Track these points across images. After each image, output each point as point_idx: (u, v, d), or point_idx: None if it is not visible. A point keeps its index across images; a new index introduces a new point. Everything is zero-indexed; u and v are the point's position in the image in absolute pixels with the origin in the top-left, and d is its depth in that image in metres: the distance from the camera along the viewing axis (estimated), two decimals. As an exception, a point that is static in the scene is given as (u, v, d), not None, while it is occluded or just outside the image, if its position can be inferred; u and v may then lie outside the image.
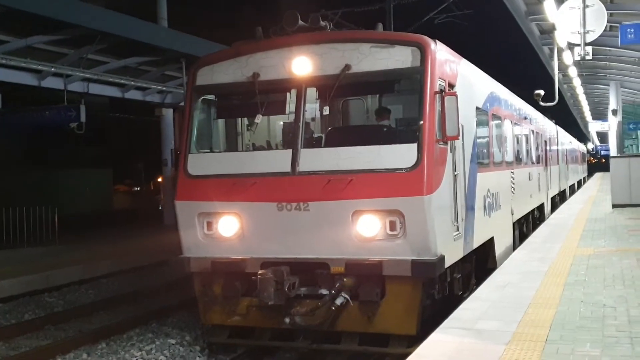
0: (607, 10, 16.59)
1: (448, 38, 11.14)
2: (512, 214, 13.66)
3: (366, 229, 7.93)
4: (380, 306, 7.98)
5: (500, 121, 13.04)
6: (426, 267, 7.72)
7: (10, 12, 15.87)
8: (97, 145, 37.32)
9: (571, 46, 19.01)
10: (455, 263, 8.82)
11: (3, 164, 31.82)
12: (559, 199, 26.48)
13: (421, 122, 7.89)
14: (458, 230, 8.80)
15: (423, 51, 8.06)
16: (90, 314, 12.32)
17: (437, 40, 8.39)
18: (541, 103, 22.59)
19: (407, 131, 8.82)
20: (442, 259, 7.90)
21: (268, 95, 8.82)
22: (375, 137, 8.55)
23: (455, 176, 8.77)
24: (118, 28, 18.31)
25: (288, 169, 8.26)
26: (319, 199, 8.01)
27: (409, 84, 8.61)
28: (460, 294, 9.29)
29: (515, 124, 15.01)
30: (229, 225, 8.56)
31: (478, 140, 10.51)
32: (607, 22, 17.12)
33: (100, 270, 16.33)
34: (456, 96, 7.96)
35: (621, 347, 5.83)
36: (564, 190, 29.52)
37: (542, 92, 22.35)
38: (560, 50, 22.49)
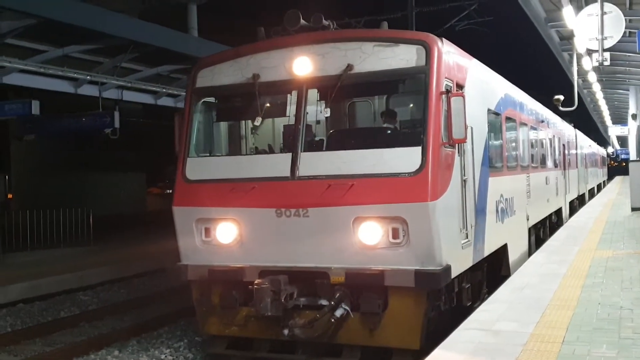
0: (626, 16, 16.36)
1: (469, 44, 11.08)
2: (528, 219, 13.05)
3: (368, 237, 7.33)
4: (382, 318, 7.37)
5: (514, 124, 12.42)
6: (430, 278, 7.09)
7: (48, 23, 16.15)
8: (131, 150, 37.75)
9: (590, 52, 18.76)
10: (463, 272, 8.22)
11: (41, 168, 32.35)
12: (577, 203, 25.81)
13: (426, 124, 7.32)
14: (467, 237, 8.18)
15: (428, 50, 7.49)
16: (122, 312, 12.45)
17: (443, 39, 7.83)
18: (560, 108, 22.32)
19: (411, 134, 8.16)
20: (448, 268, 7.27)
21: (268, 97, 8.35)
22: (378, 140, 8.04)
23: (464, 181, 8.17)
24: (150, 38, 18.52)
25: (287, 173, 7.71)
26: (318, 204, 7.43)
27: (413, 84, 7.95)
28: (469, 304, 8.59)
29: (531, 127, 14.41)
30: (227, 232, 8.01)
31: (490, 144, 9.95)
32: (626, 28, 16.86)
33: (133, 270, 16.52)
34: (463, 97, 7.33)
35: (638, 349, 5.72)
36: (583, 194, 28.83)
37: (561, 97, 22.09)
38: (579, 56, 22.21)
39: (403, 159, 7.27)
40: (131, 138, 26.43)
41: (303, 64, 7.92)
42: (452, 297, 8.12)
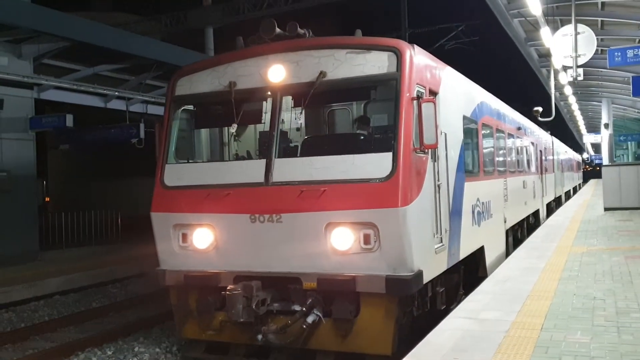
0: (598, 35, 16.37)
1: (457, 62, 11.01)
2: (505, 221, 12.47)
3: (340, 242, 6.76)
4: (354, 324, 6.79)
5: (491, 131, 11.76)
6: (401, 284, 6.51)
7: (80, 45, 16.26)
8: (154, 158, 37.83)
9: (565, 68, 18.77)
10: (437, 277, 7.67)
11: (75, 174, 32.48)
12: (554, 204, 25.52)
13: (397, 130, 6.73)
14: (441, 242, 7.59)
15: (399, 56, 6.93)
16: (147, 304, 12.46)
17: (415, 45, 7.28)
18: (539, 118, 22.32)
19: (382, 140, 7.50)
20: (419, 274, 6.70)
21: (244, 104, 7.69)
22: (350, 146, 7.32)
23: (437, 186, 7.58)
24: (171, 57, 18.62)
25: (262, 179, 7.14)
26: (291, 210, 6.87)
27: (385, 90, 7.31)
28: (443, 308, 8.00)
29: (508, 134, 13.80)
30: (203, 237, 7.45)
31: (466, 150, 9.30)
32: (598, 46, 16.87)
33: (156, 265, 16.51)
34: (434, 103, 6.77)
35: (609, 335, 5.72)
36: (560, 196, 28.49)
37: (540, 109, 22.11)
38: (556, 72, 22.24)
39: (374, 165, 6.71)
40: (154, 147, 26.49)
41: (277, 72, 7.41)
42: (426, 301, 7.57)
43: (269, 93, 7.50)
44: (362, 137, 7.94)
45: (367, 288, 6.61)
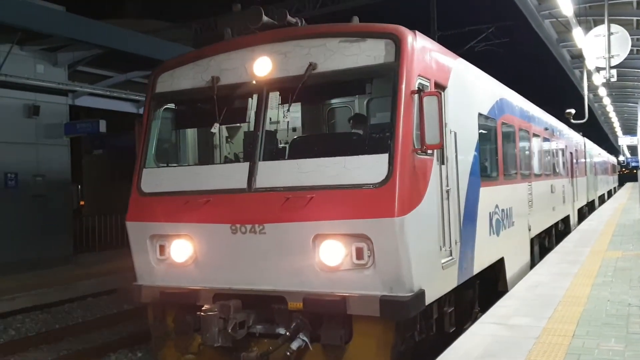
0: (633, 35, 16.00)
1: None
2: (530, 229, 11.52)
3: (329, 257, 5.92)
4: (345, 351, 5.94)
5: (513, 130, 10.77)
6: (398, 306, 5.60)
7: (113, 52, 16.62)
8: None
9: (598, 69, 18.39)
10: (446, 295, 6.85)
11: (108, 178, 33.11)
12: (587, 210, 24.39)
13: (394, 128, 5.87)
14: (450, 255, 6.77)
15: (398, 44, 6.06)
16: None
17: (418, 32, 6.41)
18: (572, 121, 21.92)
19: (377, 139, 6.63)
20: (420, 294, 5.83)
21: (227, 101, 6.91)
22: (341, 147, 6.44)
23: (446, 192, 6.77)
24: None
25: (244, 184, 6.36)
26: (275, 220, 6.08)
27: (382, 83, 6.51)
28: (452, 330, 7.09)
29: (534, 134, 12.76)
30: (181, 249, 6.69)
31: (482, 151, 8.41)
32: (633, 46, 16.49)
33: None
34: (438, 96, 5.93)
35: (644, 343, 5.58)
36: (593, 201, 27.34)
37: (573, 111, 21.73)
38: (589, 73, 21.82)
39: (368, 168, 5.87)
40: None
41: (263, 65, 6.66)
42: (431, 324, 6.65)
43: (254, 89, 6.72)
44: (355, 137, 7.15)
45: (359, 310, 5.75)
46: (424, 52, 6.44)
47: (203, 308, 6.17)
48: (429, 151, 6.23)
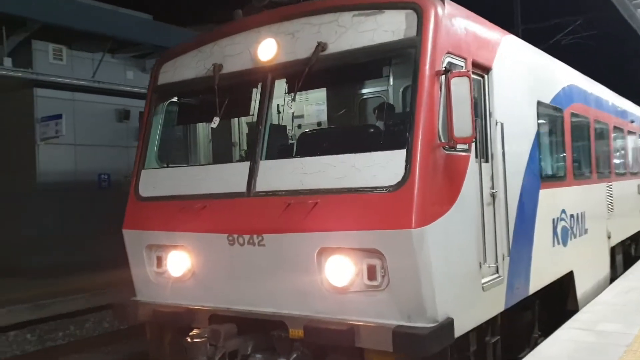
0: None
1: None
2: (609, 236, 10.19)
3: (336, 276, 5.00)
4: None
5: (586, 122, 9.49)
6: (415, 341, 4.58)
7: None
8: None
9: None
10: (489, 321, 5.74)
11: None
12: None
13: (413, 118, 4.85)
14: (496, 273, 5.77)
15: (421, 14, 5.03)
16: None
17: (448, 1, 5.38)
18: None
19: (394, 132, 5.68)
20: (447, 325, 4.78)
21: (230, 91, 6.07)
22: (353, 143, 5.43)
23: (491, 196, 5.75)
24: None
25: (243, 188, 5.56)
26: (274, 230, 5.21)
27: (401, 63, 5.57)
28: None
29: (614, 127, 11.32)
30: (177, 262, 5.98)
31: (542, 146, 7.34)
32: None
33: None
34: (469, 77, 4.84)
35: None
36: None
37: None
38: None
39: (381, 168, 4.91)
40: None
41: (268, 48, 5.80)
42: (467, 357, 5.54)
43: (258, 76, 5.89)
44: (370, 131, 6.18)
45: (368, 343, 4.78)
46: (455, 24, 5.39)
47: (191, 333, 5.43)
48: (463, 146, 5.20)
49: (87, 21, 15.30)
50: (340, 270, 4.99)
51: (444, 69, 5.02)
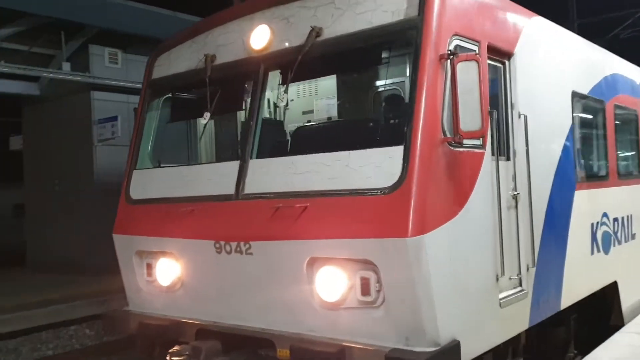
0: None
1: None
2: None
3: (327, 289, 4.52)
4: None
5: (634, 116, 8.62)
6: None
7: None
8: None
9: None
10: (507, 342, 5.10)
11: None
12: None
13: (412, 109, 4.29)
14: (519, 286, 5.19)
15: None
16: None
17: None
18: None
19: (391, 126, 5.19)
20: (452, 349, 4.24)
21: (222, 84, 5.63)
22: (347, 140, 4.85)
23: (513, 198, 5.19)
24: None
25: (232, 190, 5.12)
26: (261, 237, 4.79)
27: (401, 47, 5.01)
28: None
29: None
30: (166, 270, 5.62)
31: (578, 142, 6.65)
32: None
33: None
34: (477, 61, 4.26)
35: None
36: None
37: None
38: None
39: (376, 167, 4.37)
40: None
41: (260, 36, 5.36)
42: None
43: (250, 67, 5.44)
44: (368, 125, 5.67)
45: None
46: (466, 2, 4.81)
47: (171, 350, 5.14)
48: (475, 142, 4.61)
49: (141, 26, 15.76)
50: (332, 283, 4.51)
51: (448, 52, 4.41)
